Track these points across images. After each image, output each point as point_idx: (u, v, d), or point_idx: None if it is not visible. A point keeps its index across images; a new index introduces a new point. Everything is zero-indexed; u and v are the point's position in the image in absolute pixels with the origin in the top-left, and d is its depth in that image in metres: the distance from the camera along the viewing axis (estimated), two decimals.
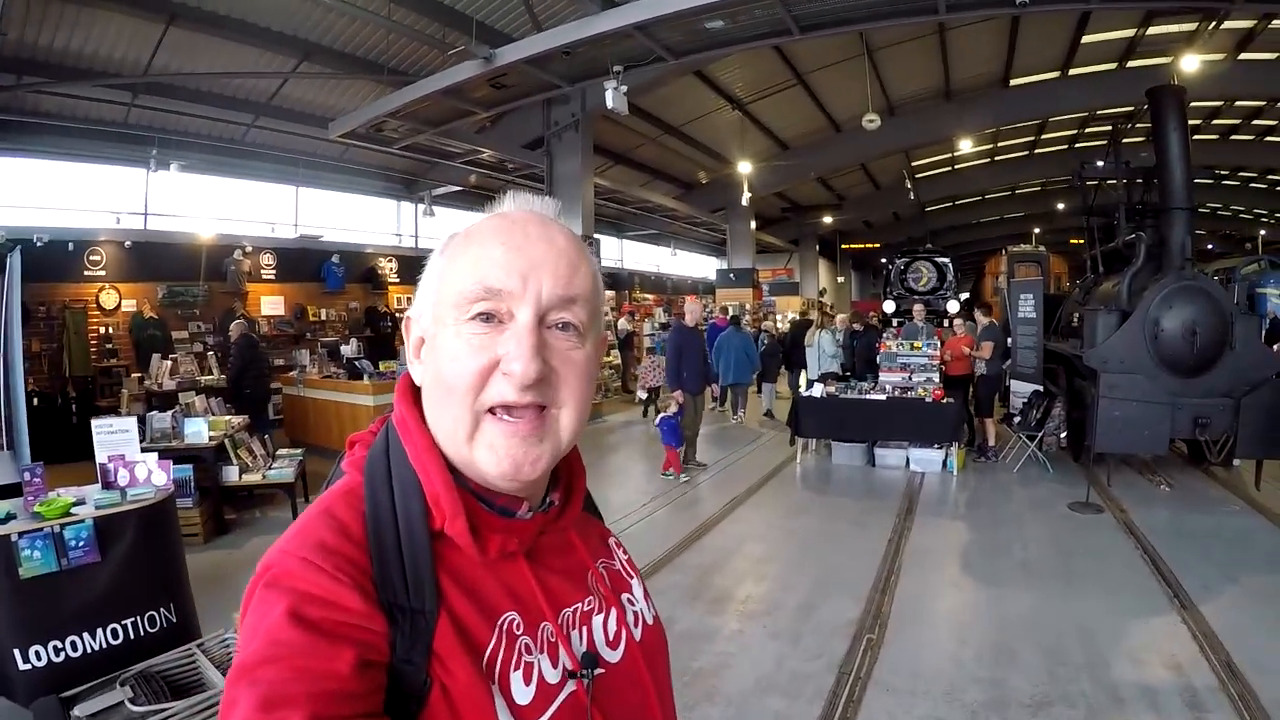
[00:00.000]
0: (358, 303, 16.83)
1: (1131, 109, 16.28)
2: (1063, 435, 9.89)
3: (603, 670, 0.91)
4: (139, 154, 13.26)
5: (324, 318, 16.13)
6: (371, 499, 0.85)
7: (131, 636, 3.86)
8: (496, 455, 0.84)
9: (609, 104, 10.36)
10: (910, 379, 10.38)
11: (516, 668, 0.84)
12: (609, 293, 22.68)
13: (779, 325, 22.14)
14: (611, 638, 0.97)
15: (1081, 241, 12.47)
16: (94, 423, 4.76)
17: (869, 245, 35.61)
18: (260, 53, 11.99)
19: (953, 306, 18.18)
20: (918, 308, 12.44)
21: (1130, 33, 15.02)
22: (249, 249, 14.88)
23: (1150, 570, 6.15)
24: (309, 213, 17.17)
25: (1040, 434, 9.60)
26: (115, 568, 3.88)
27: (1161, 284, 8.08)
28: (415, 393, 0.94)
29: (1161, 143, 8.46)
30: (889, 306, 19.68)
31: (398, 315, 17.06)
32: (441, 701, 0.77)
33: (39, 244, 11.18)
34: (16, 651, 3.55)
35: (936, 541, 7.11)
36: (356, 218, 18.42)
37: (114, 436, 4.64)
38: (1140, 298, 8.21)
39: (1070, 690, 4.22)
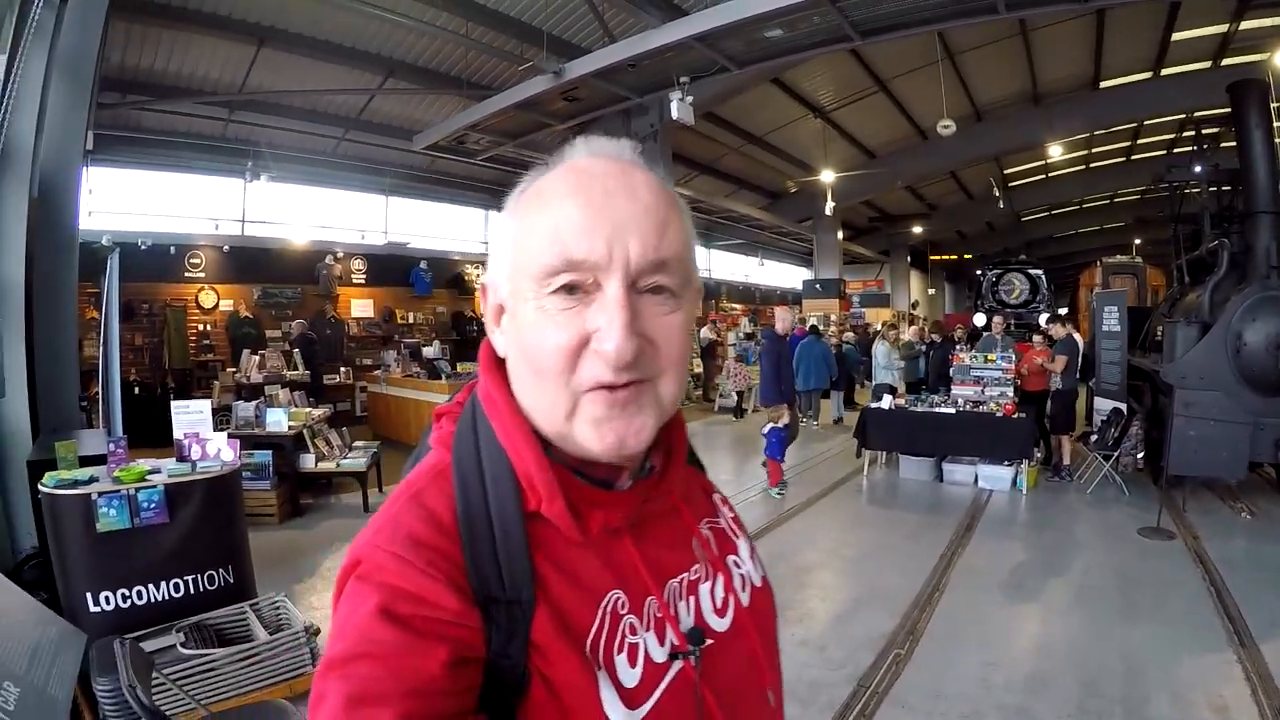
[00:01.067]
0: (444, 307, 17.36)
1: (1229, 109, 15.45)
2: (1139, 456, 9.43)
3: (711, 641, 0.87)
4: (236, 165, 13.99)
5: (411, 321, 16.68)
6: (461, 482, 0.81)
7: (192, 591, 4.30)
8: (599, 432, 0.78)
9: (674, 114, 10.45)
10: (983, 392, 10.10)
11: (621, 650, 0.80)
12: None
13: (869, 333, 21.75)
14: (719, 605, 0.93)
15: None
16: (174, 404, 5.36)
17: (963, 256, 34.69)
18: (348, 70, 12.56)
19: (1043, 320, 17.58)
20: (996, 319, 12.06)
21: (1223, 28, 14.22)
22: (340, 254, 15.54)
23: (1214, 604, 5.74)
24: (398, 220, 17.80)
25: (1116, 453, 9.18)
26: (181, 529, 4.31)
27: (1245, 294, 7.58)
28: (500, 363, 0.88)
29: (1245, 141, 8.00)
30: (979, 319, 19.09)
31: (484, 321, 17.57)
32: (543, 692, 0.74)
33: (143, 247, 12.01)
34: (89, 595, 4.01)
35: (990, 560, 6.84)
36: (444, 226, 18.95)
37: (190, 416, 5.22)
38: (1222, 309, 7.74)
39: None
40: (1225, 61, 15.48)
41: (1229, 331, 7.54)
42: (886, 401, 10.35)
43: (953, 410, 9.79)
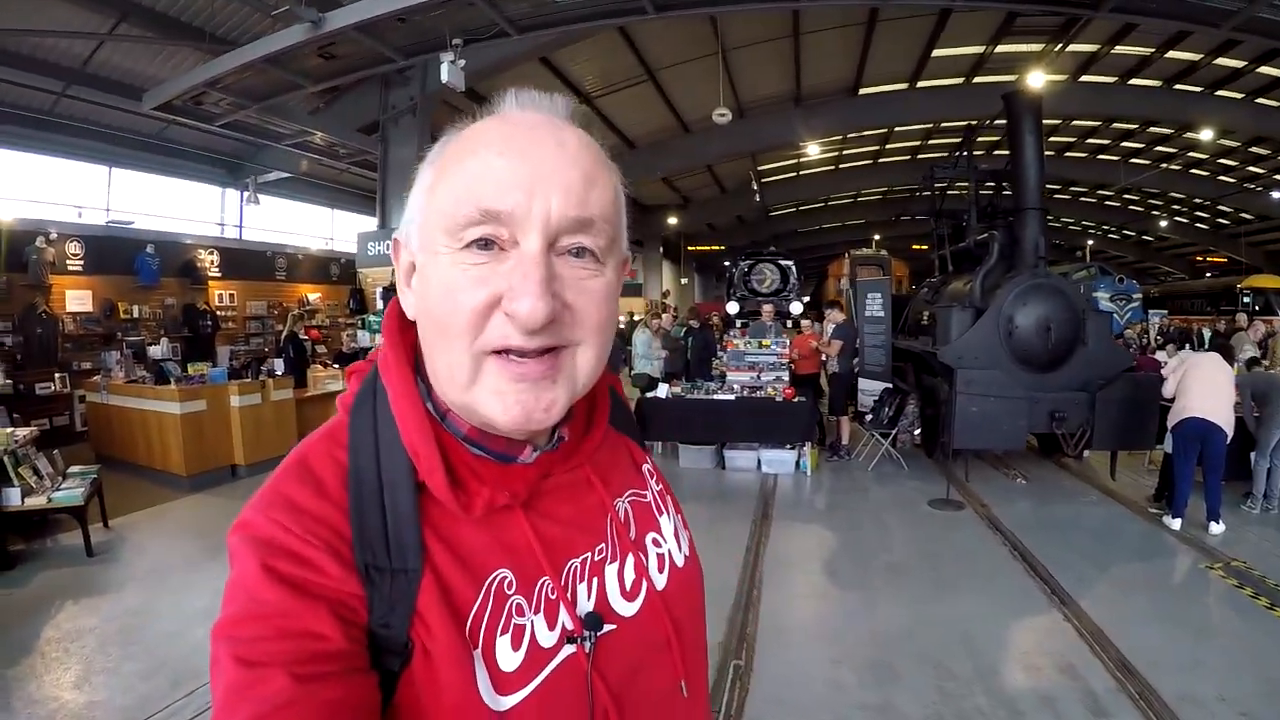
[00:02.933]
0: (175, 299, 15.08)
1: (974, 122, 16.93)
2: (916, 432, 9.91)
3: (613, 627, 0.82)
4: None
5: (136, 315, 14.40)
6: (354, 447, 0.77)
7: None
8: (504, 403, 0.72)
9: (444, 78, 9.64)
10: (759, 378, 10.18)
11: (505, 631, 0.74)
12: None
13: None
14: (629, 588, 0.86)
15: (923, 247, 12.82)
16: None
17: (713, 247, 35.99)
18: (73, 10, 10.44)
19: (795, 308, 18.54)
20: (766, 307, 12.28)
21: (979, 49, 15.62)
22: (53, 236, 13.07)
23: (1023, 566, 6.06)
24: (123, 196, 15.55)
25: (894, 431, 9.55)
26: None
27: (1015, 281, 8.25)
28: (407, 325, 0.82)
29: (1017, 145, 8.64)
30: (732, 308, 19.79)
31: (219, 313, 15.51)
32: (424, 665, 0.70)
33: None
34: None
35: (797, 548, 6.76)
36: (175, 204, 16.84)
37: None
38: (994, 295, 8.36)
39: (964, 707, 3.95)
40: (977, 79, 17.10)
41: (1001, 315, 8.17)
42: (663, 390, 10.17)
43: (732, 396, 9.77)
